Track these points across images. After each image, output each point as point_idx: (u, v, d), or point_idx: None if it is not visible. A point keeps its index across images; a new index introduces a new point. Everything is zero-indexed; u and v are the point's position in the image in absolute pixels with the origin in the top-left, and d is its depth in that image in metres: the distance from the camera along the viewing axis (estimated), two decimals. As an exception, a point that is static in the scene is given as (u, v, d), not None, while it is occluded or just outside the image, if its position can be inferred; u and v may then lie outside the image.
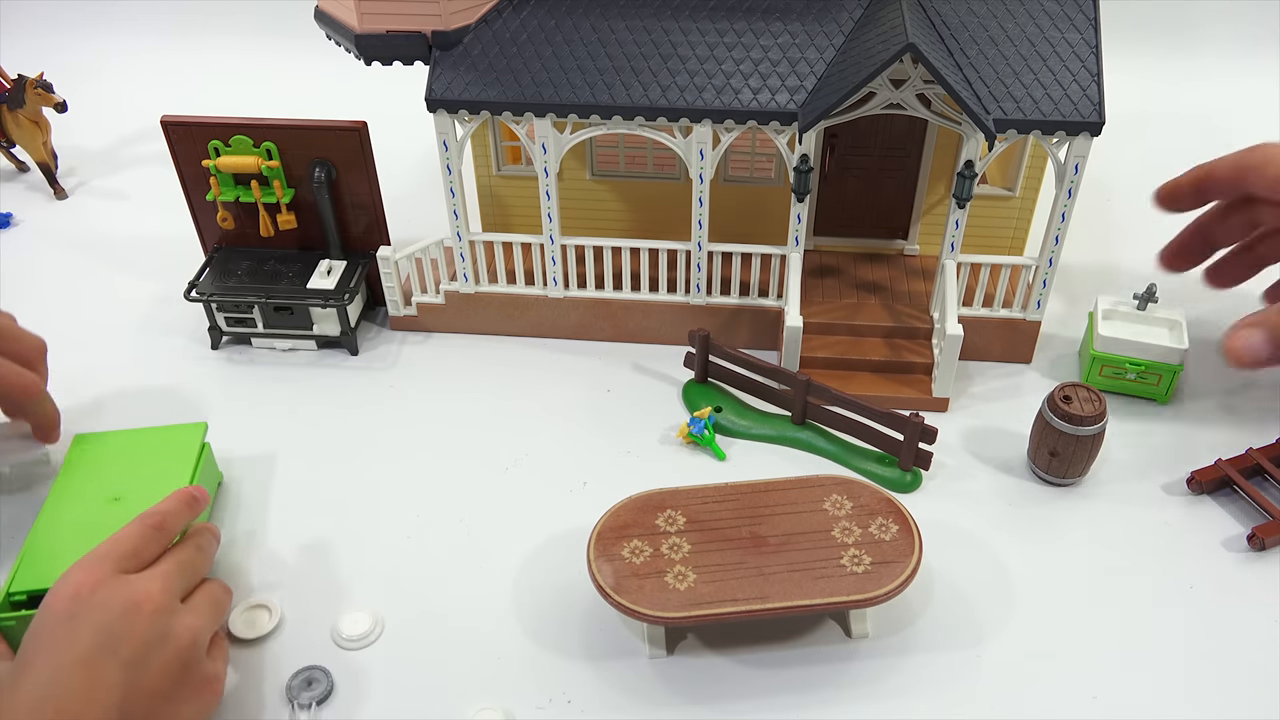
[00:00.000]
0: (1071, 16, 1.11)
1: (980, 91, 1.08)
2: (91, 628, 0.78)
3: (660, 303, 1.27)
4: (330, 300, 1.24)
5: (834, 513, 0.95)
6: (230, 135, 1.22)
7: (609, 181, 1.32)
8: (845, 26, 1.12)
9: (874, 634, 0.94)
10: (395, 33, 1.13)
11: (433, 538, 1.05)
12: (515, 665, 0.93)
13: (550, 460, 1.14)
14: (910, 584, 0.90)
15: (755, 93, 1.10)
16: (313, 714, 0.88)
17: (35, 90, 1.54)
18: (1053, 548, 1.04)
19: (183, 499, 0.92)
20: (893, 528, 0.93)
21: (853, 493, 0.97)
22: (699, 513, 0.96)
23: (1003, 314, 1.23)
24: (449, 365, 1.28)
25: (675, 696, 0.90)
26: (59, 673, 0.75)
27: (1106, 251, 1.47)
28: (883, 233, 1.32)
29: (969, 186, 1.12)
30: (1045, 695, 0.90)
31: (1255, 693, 0.91)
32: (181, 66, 2.01)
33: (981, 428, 1.17)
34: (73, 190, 1.65)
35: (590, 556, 0.91)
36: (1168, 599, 0.99)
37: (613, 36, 1.13)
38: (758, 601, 0.87)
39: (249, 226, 1.30)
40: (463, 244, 1.25)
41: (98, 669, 0.76)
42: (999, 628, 0.96)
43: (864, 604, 0.88)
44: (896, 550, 0.92)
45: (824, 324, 1.23)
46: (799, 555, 0.91)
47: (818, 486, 0.98)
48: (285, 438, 1.17)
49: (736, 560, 0.91)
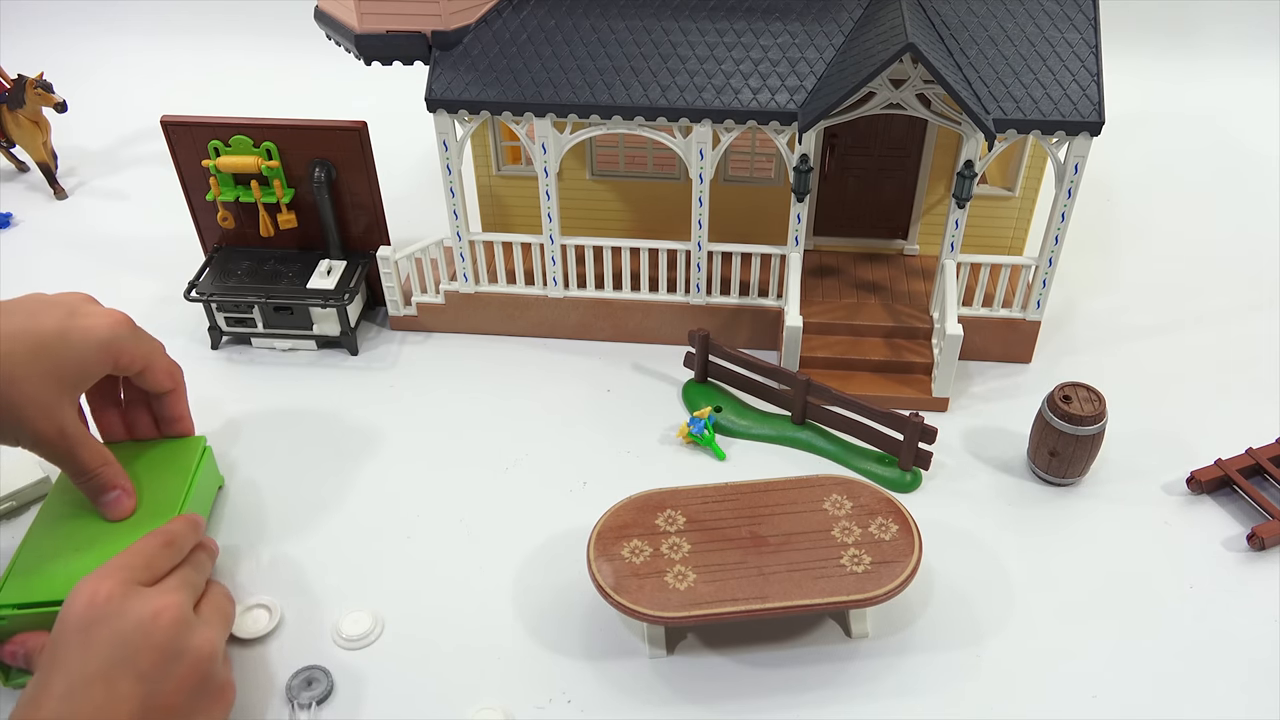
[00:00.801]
0: (1071, 16, 1.11)
1: (980, 91, 1.08)
2: (109, 639, 0.76)
3: (660, 303, 1.28)
4: (330, 300, 1.24)
5: (834, 512, 0.95)
6: (230, 135, 1.22)
7: (609, 181, 1.32)
8: (845, 26, 1.12)
9: (874, 634, 0.94)
10: (395, 33, 1.13)
11: (433, 538, 1.05)
12: (515, 665, 0.93)
13: (550, 460, 1.14)
14: (910, 584, 0.90)
15: (755, 93, 1.10)
16: (313, 714, 0.88)
17: (35, 90, 1.54)
18: (1052, 548, 1.04)
19: (190, 521, 0.92)
20: (892, 527, 0.93)
21: (853, 492, 0.97)
22: (699, 513, 0.96)
23: (1003, 314, 1.23)
24: (449, 365, 1.28)
25: (675, 696, 0.90)
26: (77, 687, 0.74)
27: (1106, 251, 1.47)
28: (883, 233, 1.32)
29: (969, 186, 1.12)
30: (1045, 695, 0.90)
31: (1255, 693, 0.91)
32: (181, 66, 2.01)
33: (981, 428, 1.17)
34: (73, 190, 1.65)
35: (590, 556, 0.91)
36: (1167, 599, 0.99)
37: (613, 36, 1.13)
38: (758, 601, 0.87)
39: (249, 226, 1.30)
40: (463, 244, 1.25)
41: (115, 682, 0.75)
42: (999, 627, 0.96)
43: (864, 604, 0.88)
44: (896, 550, 0.91)
45: (824, 324, 1.23)
46: (799, 555, 0.91)
47: (818, 486, 0.98)
48: (285, 437, 1.17)
49: (736, 560, 0.91)
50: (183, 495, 0.98)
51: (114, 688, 0.74)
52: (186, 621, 0.81)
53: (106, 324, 0.94)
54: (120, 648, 0.76)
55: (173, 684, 0.77)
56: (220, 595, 0.91)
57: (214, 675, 0.81)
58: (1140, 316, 1.34)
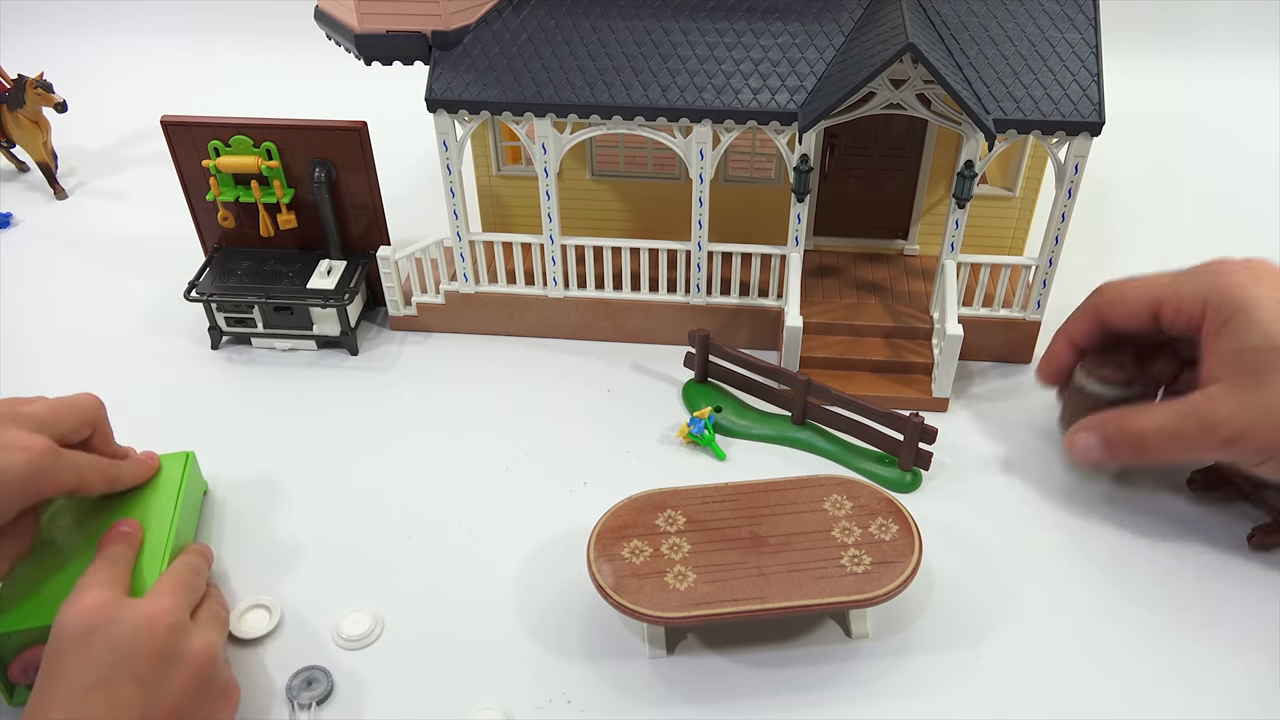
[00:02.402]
0: (1071, 16, 1.11)
1: (980, 91, 1.08)
2: (106, 647, 0.76)
3: (660, 303, 1.27)
4: (330, 300, 1.24)
5: (834, 513, 0.95)
6: (230, 135, 1.22)
7: (609, 181, 1.32)
8: (845, 26, 1.12)
9: (874, 634, 0.94)
10: (395, 33, 1.13)
11: (433, 537, 1.05)
12: (515, 665, 0.93)
13: (550, 460, 1.14)
14: (910, 584, 0.90)
15: (755, 93, 1.10)
16: (313, 714, 0.88)
17: (35, 90, 1.54)
18: (1052, 548, 1.04)
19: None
20: (893, 528, 0.93)
21: (853, 493, 0.97)
22: (699, 513, 0.96)
23: (1003, 314, 1.23)
24: (449, 365, 1.28)
25: (675, 696, 0.90)
26: (77, 697, 0.74)
27: (1106, 251, 1.47)
28: (883, 233, 1.32)
29: (969, 186, 1.12)
30: (1045, 695, 0.90)
31: (1256, 693, 0.90)
32: (181, 66, 2.01)
33: (981, 428, 1.17)
34: (73, 190, 1.65)
35: (590, 556, 0.91)
36: (1170, 597, 0.98)
37: (613, 36, 1.13)
38: (757, 601, 0.87)
39: (249, 226, 1.30)
40: (463, 244, 1.25)
41: (115, 688, 0.75)
42: (999, 627, 0.96)
43: (864, 604, 0.88)
44: (896, 550, 0.91)
45: (824, 324, 1.23)
46: (799, 555, 0.91)
47: (818, 486, 0.98)
48: (285, 438, 1.17)
49: (736, 560, 0.91)
50: (172, 510, 0.97)
51: (114, 694, 0.74)
52: (182, 625, 0.81)
53: (24, 459, 0.84)
54: (117, 654, 0.76)
55: (174, 688, 0.77)
56: (214, 600, 0.91)
57: (216, 677, 0.81)
58: (1140, 316, 1.34)
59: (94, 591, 0.80)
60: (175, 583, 0.86)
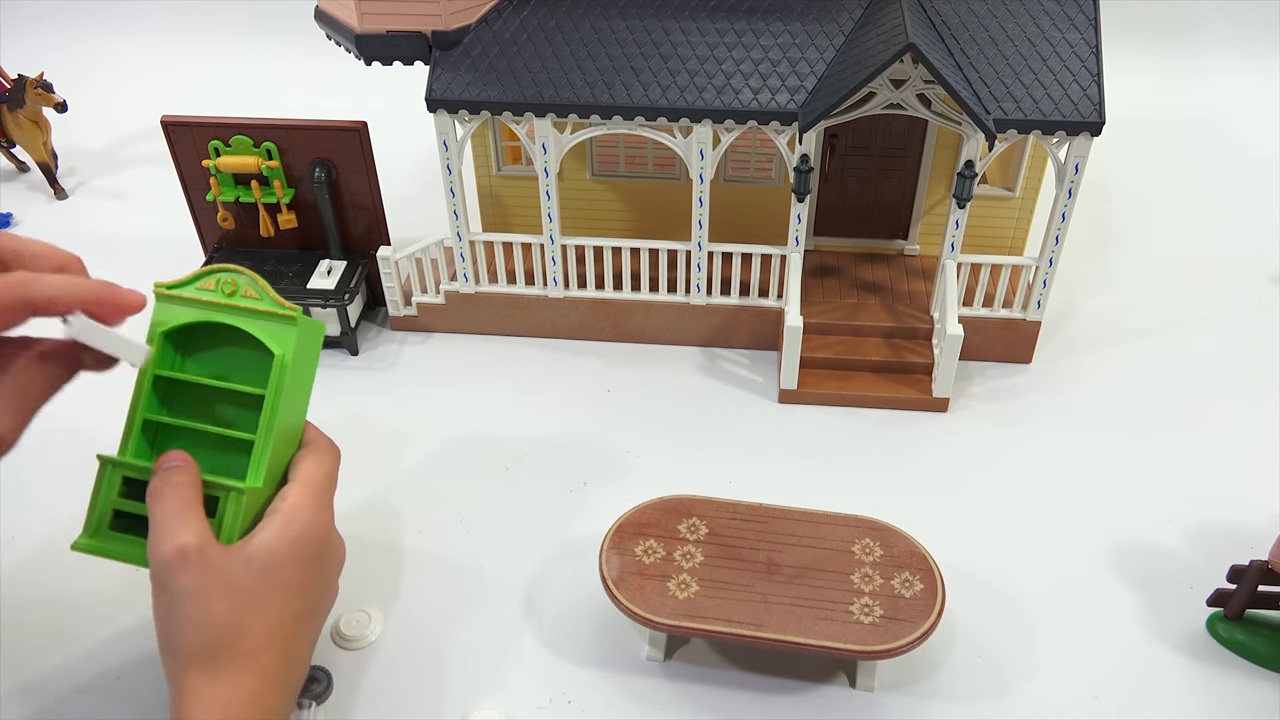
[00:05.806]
0: (1071, 16, 1.11)
1: (980, 91, 1.08)
2: (336, 564, 0.82)
3: (660, 303, 1.28)
4: (330, 300, 1.24)
5: (861, 557, 0.91)
6: (230, 135, 1.22)
7: (609, 181, 1.32)
8: (845, 26, 1.12)
9: (883, 674, 0.90)
10: (395, 33, 1.13)
11: (433, 537, 1.05)
12: (515, 665, 0.93)
13: (550, 460, 1.14)
14: (915, 648, 0.85)
15: (755, 93, 1.10)
16: (313, 714, 0.88)
17: (35, 90, 1.54)
18: (1057, 555, 1.04)
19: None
20: (917, 585, 0.88)
21: (887, 541, 0.92)
22: (724, 527, 0.93)
23: (1003, 314, 1.23)
24: (449, 365, 1.28)
25: (676, 697, 0.90)
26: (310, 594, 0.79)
27: (1106, 251, 1.47)
28: (883, 233, 1.33)
29: (969, 186, 1.12)
30: (1046, 695, 0.90)
31: (1257, 692, 0.90)
32: (181, 66, 2.01)
33: (981, 428, 1.17)
34: (73, 190, 1.65)
35: (604, 545, 0.91)
36: (1169, 598, 0.98)
37: (613, 36, 1.13)
38: (751, 628, 0.85)
39: (249, 226, 1.30)
40: (463, 244, 1.25)
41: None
42: (999, 628, 0.96)
43: (860, 655, 0.84)
44: (913, 610, 0.86)
45: (824, 324, 1.23)
46: (809, 592, 0.88)
47: (853, 527, 0.93)
48: (285, 438, 1.17)
49: (745, 582, 0.88)
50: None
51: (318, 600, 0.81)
52: (331, 534, 0.82)
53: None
54: (332, 564, 0.82)
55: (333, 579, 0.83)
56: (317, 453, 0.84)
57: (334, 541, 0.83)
58: (1140, 316, 1.34)
59: (322, 508, 0.80)
60: (323, 484, 0.82)
